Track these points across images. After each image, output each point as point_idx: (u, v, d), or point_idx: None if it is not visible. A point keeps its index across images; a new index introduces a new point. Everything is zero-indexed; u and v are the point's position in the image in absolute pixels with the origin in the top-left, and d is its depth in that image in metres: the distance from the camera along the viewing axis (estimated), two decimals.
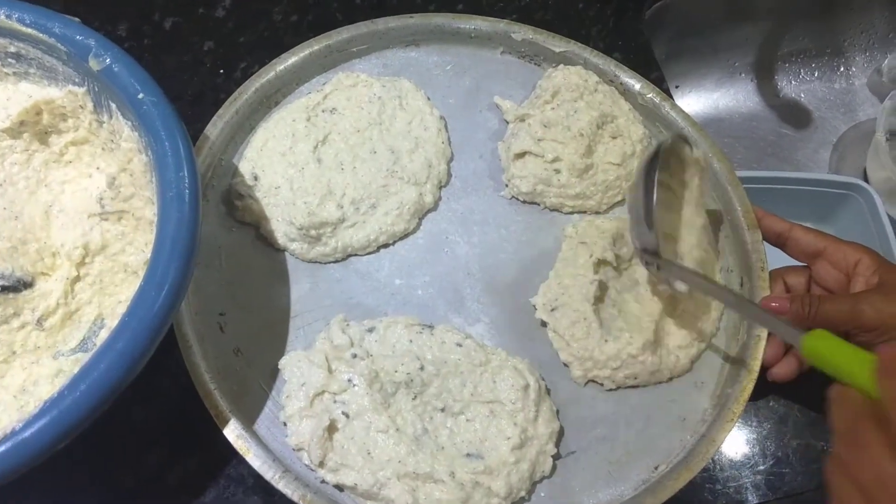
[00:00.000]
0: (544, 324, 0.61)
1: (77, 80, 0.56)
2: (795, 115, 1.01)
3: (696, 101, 0.99)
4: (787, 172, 0.87)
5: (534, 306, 0.62)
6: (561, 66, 0.72)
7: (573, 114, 0.68)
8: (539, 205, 0.67)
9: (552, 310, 0.61)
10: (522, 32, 0.73)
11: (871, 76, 1.03)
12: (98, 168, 0.60)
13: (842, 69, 1.03)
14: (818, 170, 0.98)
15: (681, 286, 0.57)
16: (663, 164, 0.57)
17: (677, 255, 0.60)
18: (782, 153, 0.99)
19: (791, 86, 1.02)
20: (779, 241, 0.63)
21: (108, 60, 0.53)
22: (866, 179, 0.93)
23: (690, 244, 0.61)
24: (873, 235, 0.82)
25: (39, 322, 0.56)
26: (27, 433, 0.42)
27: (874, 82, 1.03)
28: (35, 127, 0.59)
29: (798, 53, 1.01)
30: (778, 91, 1.02)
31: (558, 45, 0.73)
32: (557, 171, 0.66)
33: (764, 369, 0.59)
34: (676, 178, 0.61)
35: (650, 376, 0.59)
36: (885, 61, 1.02)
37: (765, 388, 0.60)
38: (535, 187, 0.66)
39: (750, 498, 0.62)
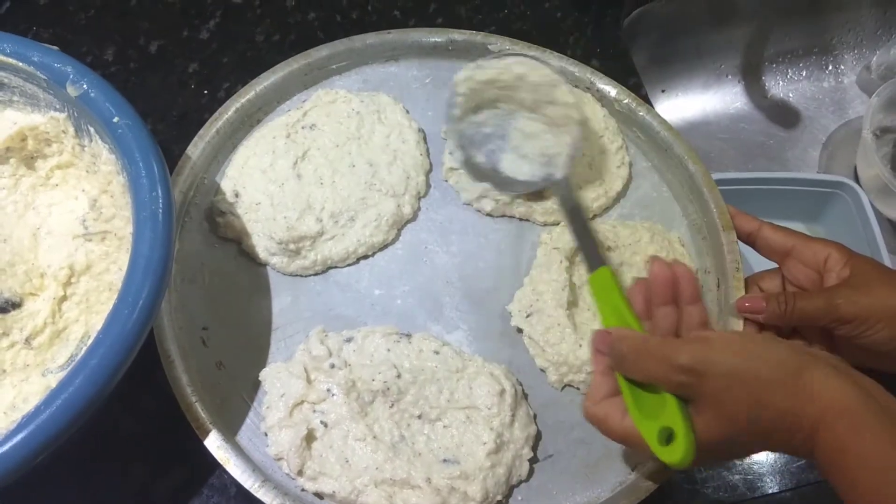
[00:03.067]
0: (520, 330, 0.62)
1: (58, 106, 0.58)
2: (784, 115, 1.01)
3: (683, 104, 0.99)
4: (775, 173, 0.87)
5: (510, 313, 0.63)
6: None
7: None
8: (513, 217, 0.68)
9: (527, 316, 0.61)
10: (499, 43, 0.74)
11: (861, 73, 1.03)
12: (83, 190, 0.62)
13: (830, 67, 1.03)
14: (808, 169, 0.98)
15: None
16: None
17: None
18: (771, 153, 0.99)
19: (779, 86, 1.02)
20: (749, 240, 0.63)
21: (84, 86, 0.55)
22: (857, 177, 0.93)
23: None
24: (861, 234, 0.82)
25: (28, 341, 0.57)
26: (5, 447, 0.43)
27: (864, 79, 1.03)
28: (21, 152, 0.61)
29: (785, 53, 1.01)
30: (766, 92, 1.02)
31: (534, 54, 0.74)
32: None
33: None
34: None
35: None
36: (874, 58, 1.02)
37: None
38: (492, 200, 0.67)
39: (727, 498, 0.62)
